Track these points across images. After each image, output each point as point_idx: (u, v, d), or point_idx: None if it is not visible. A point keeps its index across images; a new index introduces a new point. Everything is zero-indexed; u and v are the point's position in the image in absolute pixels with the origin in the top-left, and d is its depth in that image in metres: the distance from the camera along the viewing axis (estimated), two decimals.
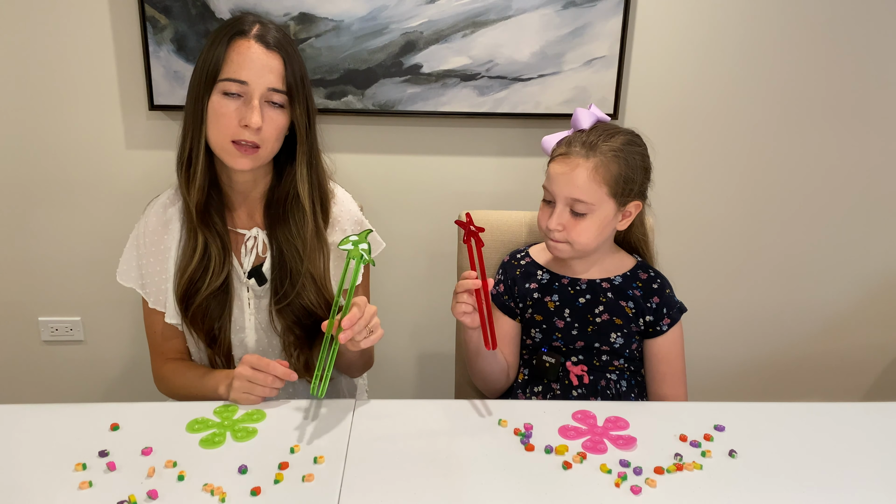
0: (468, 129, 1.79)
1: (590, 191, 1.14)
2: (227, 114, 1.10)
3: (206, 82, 1.10)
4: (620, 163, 1.15)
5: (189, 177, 1.16)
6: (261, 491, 0.87)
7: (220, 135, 1.11)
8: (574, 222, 1.17)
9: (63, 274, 1.87)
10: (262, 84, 1.09)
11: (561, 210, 1.17)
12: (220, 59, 1.09)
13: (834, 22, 1.74)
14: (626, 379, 1.25)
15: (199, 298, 1.17)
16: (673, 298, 1.26)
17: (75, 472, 0.91)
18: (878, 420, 1.07)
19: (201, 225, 1.17)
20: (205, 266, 1.17)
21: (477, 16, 1.66)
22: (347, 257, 1.02)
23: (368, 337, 1.04)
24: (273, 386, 1.07)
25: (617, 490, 0.90)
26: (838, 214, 1.91)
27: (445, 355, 1.88)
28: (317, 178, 1.21)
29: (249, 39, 1.10)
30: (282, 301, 1.19)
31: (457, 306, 1.12)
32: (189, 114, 1.14)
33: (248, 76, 1.09)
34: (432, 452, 0.96)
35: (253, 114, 1.09)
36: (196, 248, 1.17)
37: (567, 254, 1.20)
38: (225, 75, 1.09)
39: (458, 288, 1.11)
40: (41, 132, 1.75)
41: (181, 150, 1.17)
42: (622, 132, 1.18)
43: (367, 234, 1.05)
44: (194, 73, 1.13)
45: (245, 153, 1.12)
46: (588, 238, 1.17)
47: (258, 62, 1.09)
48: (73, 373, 1.97)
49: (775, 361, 2.05)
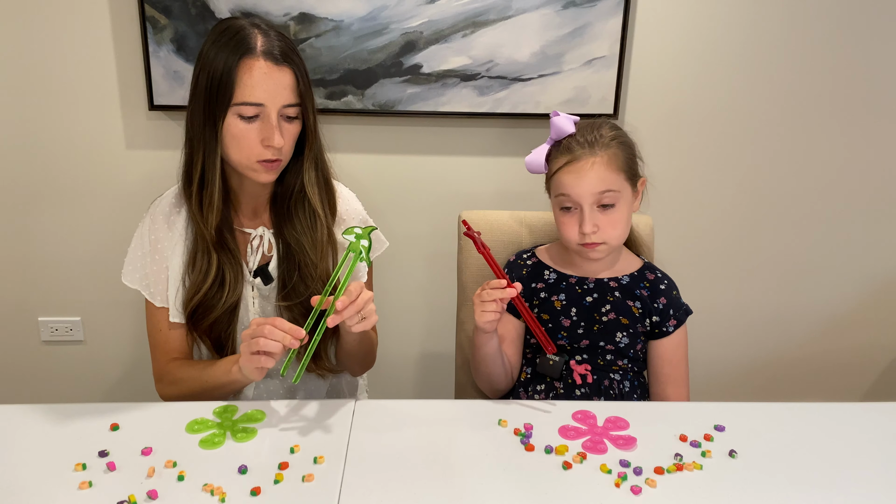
0: (468, 129, 1.79)
1: (612, 180, 1.16)
2: (250, 137, 1.09)
3: (220, 104, 1.08)
4: (622, 147, 1.19)
5: (204, 200, 1.15)
6: (261, 491, 0.87)
7: (244, 157, 1.11)
8: (606, 219, 1.17)
9: (63, 274, 1.87)
10: (277, 103, 1.09)
11: (590, 212, 1.16)
12: (232, 81, 1.07)
13: (833, 23, 1.74)
14: (629, 379, 1.26)
15: (211, 316, 1.17)
16: (680, 300, 1.26)
17: (75, 472, 0.91)
18: (878, 420, 1.07)
19: (218, 247, 1.16)
20: (219, 286, 1.17)
21: (477, 16, 1.66)
22: (347, 249, 1.02)
23: (361, 322, 1.03)
24: (273, 338, 0.99)
25: (617, 490, 0.90)
26: (838, 215, 1.91)
27: (445, 355, 1.88)
28: (324, 178, 1.22)
29: (258, 58, 1.07)
30: (289, 297, 1.19)
31: (483, 315, 1.11)
32: (199, 134, 1.11)
33: (263, 97, 1.08)
34: (432, 452, 0.96)
35: (275, 135, 1.08)
36: (210, 269, 1.16)
37: (604, 253, 1.21)
38: (239, 99, 1.07)
39: (485, 296, 1.10)
40: (41, 132, 1.75)
41: (191, 172, 1.14)
42: (602, 123, 1.21)
43: (370, 230, 1.04)
44: (199, 89, 1.10)
45: (269, 169, 1.13)
46: (621, 229, 1.19)
47: (272, 82, 1.08)
48: (73, 373, 1.97)
49: (775, 361, 2.05)
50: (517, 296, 1.09)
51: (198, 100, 1.10)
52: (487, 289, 1.10)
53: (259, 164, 1.11)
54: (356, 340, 1.19)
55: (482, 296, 1.10)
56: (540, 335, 1.15)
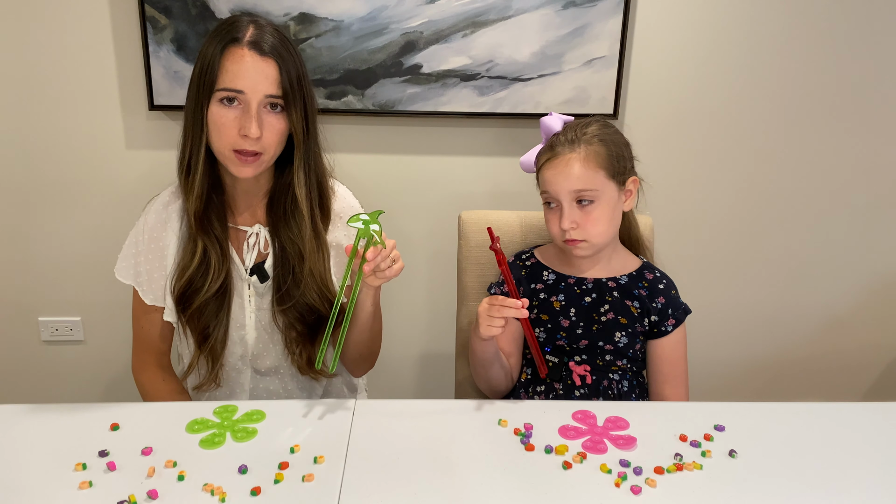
0: (468, 129, 1.79)
1: (589, 178, 1.16)
2: (227, 123, 1.10)
3: (204, 90, 1.10)
4: (606, 144, 1.18)
5: (187, 185, 1.16)
6: (261, 491, 0.87)
7: (222, 143, 1.11)
8: (585, 216, 1.17)
9: (63, 274, 1.87)
10: (258, 92, 1.09)
11: (569, 208, 1.17)
12: (216, 67, 1.08)
13: (834, 23, 1.74)
14: (628, 379, 1.25)
15: (198, 299, 1.18)
16: (678, 300, 1.26)
17: (75, 472, 0.91)
18: (878, 420, 1.07)
19: (200, 232, 1.17)
20: (204, 269, 1.18)
21: (477, 16, 1.66)
22: (357, 236, 1.02)
23: (392, 266, 1.08)
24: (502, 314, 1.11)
25: (617, 490, 0.90)
26: (838, 214, 1.91)
27: (445, 355, 1.88)
28: (315, 180, 1.21)
29: (243, 47, 1.08)
30: (284, 298, 1.20)
31: (489, 329, 1.12)
32: (189, 120, 1.14)
33: (243, 85, 1.08)
34: (432, 452, 0.96)
35: (251, 124, 1.08)
36: (195, 252, 1.17)
37: (587, 251, 1.21)
38: (221, 85, 1.09)
39: (494, 312, 1.10)
40: (41, 132, 1.75)
41: (181, 157, 1.17)
42: (593, 120, 1.21)
43: (378, 214, 1.04)
44: (192, 77, 1.13)
45: (247, 162, 1.12)
46: (602, 227, 1.18)
47: (252, 70, 1.08)
48: (73, 373, 1.97)
49: (775, 361, 2.05)
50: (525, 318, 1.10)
51: (191, 89, 1.13)
52: (498, 305, 1.10)
53: (236, 155, 1.11)
54: (369, 318, 1.19)
55: (492, 311, 1.11)
56: (537, 356, 1.16)
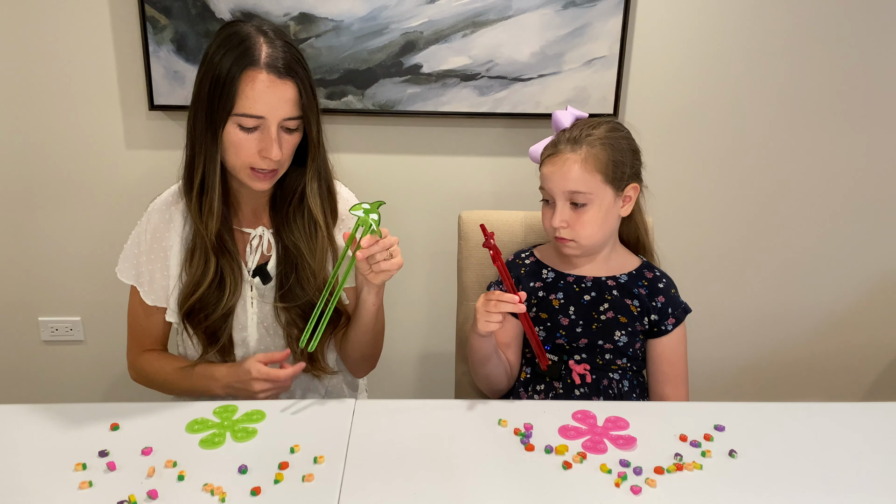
0: (468, 129, 1.79)
1: (584, 181, 1.16)
2: (246, 145, 1.09)
3: (220, 112, 1.08)
4: (608, 149, 1.17)
5: (203, 205, 1.14)
6: (261, 491, 0.87)
7: (240, 162, 1.11)
8: (576, 217, 1.17)
9: (63, 274, 1.87)
10: (278, 116, 1.08)
11: (562, 207, 1.18)
12: (234, 91, 1.06)
13: (834, 23, 1.74)
14: (628, 379, 1.25)
15: (208, 315, 1.18)
16: (678, 299, 1.26)
17: (75, 472, 0.91)
18: (878, 420, 1.07)
19: (218, 251, 1.17)
20: (219, 288, 1.17)
21: (477, 16, 1.66)
22: (356, 224, 1.02)
23: (388, 259, 1.06)
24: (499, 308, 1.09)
25: (617, 490, 0.90)
26: (838, 215, 1.91)
27: (445, 355, 1.88)
28: (326, 187, 1.22)
29: (261, 70, 1.06)
30: (287, 297, 1.20)
31: (487, 324, 1.11)
32: (200, 138, 1.11)
33: (263, 110, 1.07)
34: (432, 452, 0.96)
35: (272, 147, 1.08)
36: (208, 270, 1.16)
37: (576, 251, 1.21)
38: (240, 110, 1.07)
39: (492, 307, 1.10)
40: (41, 132, 1.75)
41: (191, 176, 1.14)
42: (603, 122, 1.20)
43: (379, 204, 1.04)
44: (201, 92, 1.10)
45: (264, 178, 1.13)
46: (592, 229, 1.18)
47: (273, 95, 1.07)
48: (73, 373, 1.97)
49: (775, 361, 2.05)
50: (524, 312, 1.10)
51: (201, 104, 1.10)
52: (494, 300, 1.09)
53: (253, 171, 1.12)
54: (371, 318, 1.19)
55: (488, 306, 1.10)
56: (536, 348, 1.15)
